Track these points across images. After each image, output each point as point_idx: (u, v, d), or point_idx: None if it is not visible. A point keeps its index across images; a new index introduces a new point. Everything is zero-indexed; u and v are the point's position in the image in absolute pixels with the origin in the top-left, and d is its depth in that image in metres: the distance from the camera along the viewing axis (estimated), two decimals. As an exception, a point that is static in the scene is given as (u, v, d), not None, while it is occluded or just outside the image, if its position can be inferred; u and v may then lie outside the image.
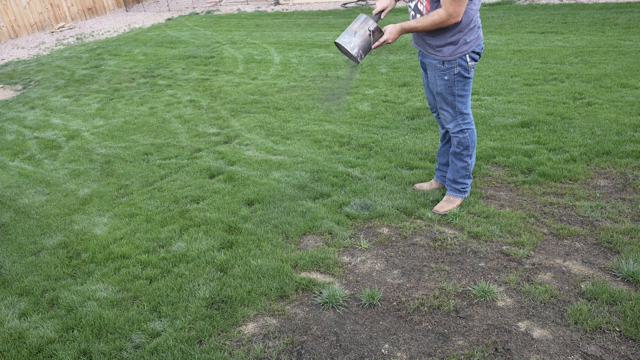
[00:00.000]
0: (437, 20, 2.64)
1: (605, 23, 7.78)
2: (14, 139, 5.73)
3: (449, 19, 2.62)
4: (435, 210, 3.21)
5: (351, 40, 2.72)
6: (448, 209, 3.20)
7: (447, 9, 2.59)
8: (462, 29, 2.73)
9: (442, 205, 3.23)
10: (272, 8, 13.13)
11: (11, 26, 13.27)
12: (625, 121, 4.21)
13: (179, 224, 3.43)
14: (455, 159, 3.15)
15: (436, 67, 2.89)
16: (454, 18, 2.61)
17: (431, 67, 2.94)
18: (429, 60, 2.92)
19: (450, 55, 2.81)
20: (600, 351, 2.11)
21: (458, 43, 2.78)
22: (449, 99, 2.94)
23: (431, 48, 2.86)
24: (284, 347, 2.32)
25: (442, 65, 2.86)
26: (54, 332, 2.55)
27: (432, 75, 2.96)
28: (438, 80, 2.92)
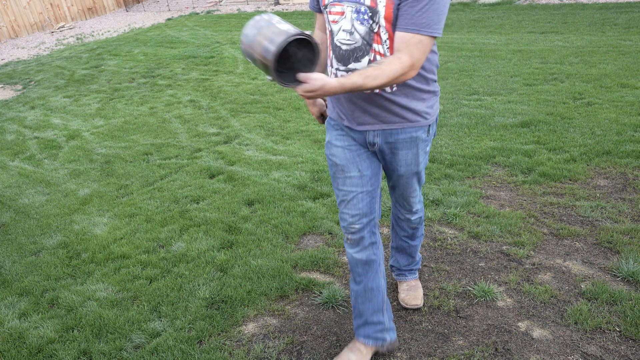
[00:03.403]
0: (397, 73, 1.66)
1: (605, 23, 7.79)
2: (14, 139, 5.73)
3: (410, 71, 1.69)
4: (415, 304, 2.45)
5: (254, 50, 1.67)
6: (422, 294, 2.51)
7: (412, 55, 1.66)
8: (434, 69, 1.94)
9: (416, 294, 2.49)
10: (272, 8, 13.13)
11: (11, 26, 13.26)
12: (625, 121, 4.21)
13: (179, 224, 3.43)
14: (416, 242, 2.44)
15: (420, 140, 1.97)
16: (414, 70, 1.70)
17: (409, 144, 1.97)
18: (405, 135, 1.95)
19: (435, 112, 2.00)
20: (600, 351, 2.11)
21: (437, 90, 1.99)
22: (423, 174, 2.16)
23: (413, 113, 1.91)
24: (284, 347, 2.32)
25: (428, 132, 1.99)
26: (54, 332, 2.55)
27: (408, 154, 2.00)
28: (421, 155, 2.03)
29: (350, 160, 2.01)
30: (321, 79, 1.61)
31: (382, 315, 2.12)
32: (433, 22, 1.66)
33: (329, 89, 1.62)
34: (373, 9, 1.72)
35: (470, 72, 6.13)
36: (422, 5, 1.64)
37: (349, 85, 1.65)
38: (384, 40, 1.78)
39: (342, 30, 1.81)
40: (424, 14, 1.64)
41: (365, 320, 2.12)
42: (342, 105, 1.96)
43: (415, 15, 1.64)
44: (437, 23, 1.67)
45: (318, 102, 2.15)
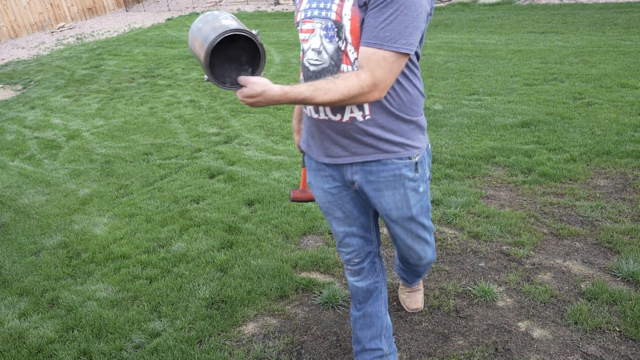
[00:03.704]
0: (353, 91, 1.45)
1: (605, 23, 7.79)
2: (14, 139, 5.73)
3: (372, 92, 1.47)
4: (416, 308, 2.44)
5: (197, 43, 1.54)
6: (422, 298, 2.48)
7: (373, 73, 1.45)
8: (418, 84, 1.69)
9: (417, 298, 2.47)
10: (272, 8, 13.13)
11: (11, 26, 13.26)
12: (625, 121, 4.21)
13: (179, 224, 3.43)
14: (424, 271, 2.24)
15: (406, 178, 1.70)
16: (378, 91, 1.48)
17: (393, 183, 1.71)
18: (387, 173, 1.69)
19: (422, 146, 1.72)
20: (600, 351, 2.11)
21: (421, 123, 1.72)
22: (426, 221, 1.85)
23: (389, 144, 1.65)
24: (284, 347, 2.32)
25: (415, 169, 1.70)
26: (54, 332, 2.55)
27: (395, 195, 1.73)
28: (412, 197, 1.74)
29: (332, 203, 1.84)
30: (262, 84, 1.42)
31: (380, 341, 2.05)
32: (399, 36, 1.42)
33: (270, 96, 1.43)
34: (338, 23, 1.52)
35: (470, 72, 6.13)
36: (386, 15, 1.41)
37: (294, 96, 1.44)
38: (352, 60, 1.54)
39: (311, 49, 1.62)
40: (387, 26, 1.41)
41: (363, 347, 2.06)
42: (311, 136, 1.75)
43: (378, 27, 1.42)
44: (404, 37, 1.42)
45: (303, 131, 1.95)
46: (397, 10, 1.40)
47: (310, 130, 1.74)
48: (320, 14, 1.56)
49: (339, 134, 1.66)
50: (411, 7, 1.41)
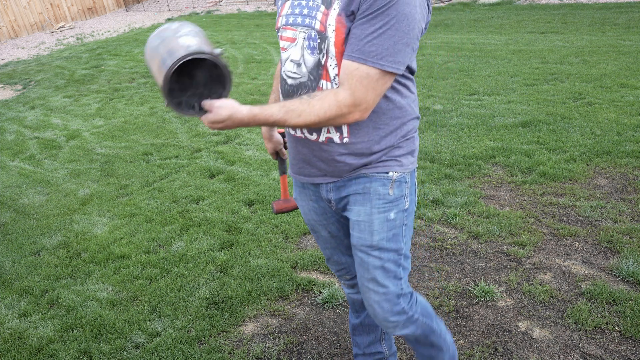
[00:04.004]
0: (330, 112, 1.31)
1: (605, 23, 7.79)
2: (14, 139, 5.73)
3: (352, 113, 1.32)
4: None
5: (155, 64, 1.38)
6: None
7: (354, 92, 1.30)
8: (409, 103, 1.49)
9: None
10: (272, 8, 13.13)
11: (11, 26, 13.27)
12: (625, 121, 4.21)
13: (179, 224, 3.43)
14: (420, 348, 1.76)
15: (374, 195, 1.48)
16: (359, 112, 1.32)
17: (361, 198, 1.51)
18: (357, 186, 1.51)
19: (407, 164, 1.50)
20: (600, 351, 2.11)
21: (411, 136, 1.52)
22: (390, 264, 1.53)
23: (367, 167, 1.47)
24: (284, 347, 2.32)
25: (391, 188, 1.48)
26: (54, 332, 2.55)
27: (360, 213, 1.51)
28: (376, 220, 1.49)
29: (317, 221, 1.71)
30: (228, 107, 1.30)
31: (380, 345, 1.99)
32: (386, 52, 1.26)
33: (238, 119, 1.31)
34: (322, 34, 1.35)
35: (470, 72, 6.13)
36: (375, 28, 1.25)
37: (264, 118, 1.31)
38: (332, 77, 1.37)
39: (290, 60, 1.46)
40: (375, 39, 1.25)
41: (363, 352, 2.02)
42: (290, 152, 1.62)
43: (364, 40, 1.26)
44: (392, 54, 1.27)
45: (275, 137, 1.84)
46: (387, 23, 1.25)
47: (289, 146, 1.61)
48: (304, 21, 1.39)
49: (315, 154, 1.50)
50: (403, 21, 1.25)
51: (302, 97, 1.34)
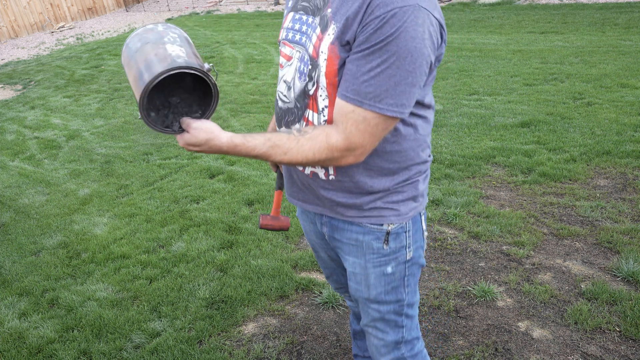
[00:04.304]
0: (319, 154, 1.17)
1: (605, 23, 7.79)
2: (14, 139, 5.73)
3: (345, 157, 1.17)
4: None
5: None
6: None
7: (348, 135, 1.14)
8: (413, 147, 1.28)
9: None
10: (272, 8, 13.13)
11: (11, 26, 13.27)
12: (625, 121, 4.21)
13: (179, 224, 3.43)
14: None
15: (368, 249, 1.35)
16: (354, 156, 1.17)
17: (355, 249, 1.38)
18: (350, 234, 1.37)
19: (404, 214, 1.32)
20: (600, 351, 2.11)
21: (415, 179, 1.33)
22: (393, 310, 1.43)
23: (355, 209, 1.32)
24: (284, 347, 2.32)
25: (385, 242, 1.33)
26: (54, 332, 2.55)
27: (355, 266, 1.40)
28: (372, 275, 1.38)
29: (317, 244, 1.59)
30: (207, 131, 1.18)
31: None
32: (385, 95, 1.09)
33: (217, 146, 1.17)
34: (314, 60, 1.19)
35: (470, 72, 6.13)
36: (373, 65, 1.08)
37: (245, 150, 1.18)
38: (320, 109, 1.22)
39: (283, 80, 1.34)
40: (372, 79, 1.08)
41: (363, 354, 2.00)
42: (284, 172, 1.49)
43: (360, 78, 1.09)
44: (392, 96, 1.09)
45: None
46: (386, 60, 1.07)
47: (284, 167, 1.48)
48: (301, 39, 1.25)
49: (302, 184, 1.39)
50: (406, 58, 1.06)
51: (291, 131, 1.20)
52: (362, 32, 1.07)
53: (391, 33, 1.04)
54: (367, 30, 1.06)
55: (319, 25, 1.19)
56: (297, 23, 1.27)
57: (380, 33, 1.05)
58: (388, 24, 1.04)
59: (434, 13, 1.09)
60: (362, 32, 1.08)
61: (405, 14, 1.04)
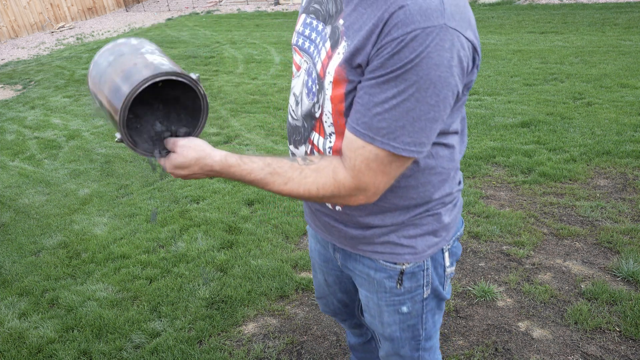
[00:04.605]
0: (324, 190, 1.02)
1: (605, 23, 7.79)
2: (14, 139, 5.73)
3: (354, 196, 1.02)
4: None
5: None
6: None
7: (357, 174, 0.99)
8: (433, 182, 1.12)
9: None
10: (272, 8, 13.13)
11: (11, 26, 13.26)
12: (625, 121, 4.21)
13: (179, 224, 3.43)
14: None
15: (381, 287, 1.24)
16: (365, 196, 1.01)
17: (367, 284, 1.27)
18: (362, 267, 1.25)
19: (422, 251, 1.18)
20: (600, 351, 2.11)
21: (436, 212, 1.17)
22: (409, 346, 1.33)
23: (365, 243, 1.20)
24: (284, 347, 2.32)
25: (399, 282, 1.21)
26: (54, 332, 2.55)
27: (368, 300, 1.30)
28: (386, 312, 1.28)
29: (318, 264, 1.49)
30: (197, 148, 1.03)
31: None
32: (401, 132, 0.92)
33: (208, 165, 1.03)
34: (320, 80, 1.04)
35: (470, 72, 6.12)
36: (387, 96, 0.90)
37: (240, 174, 1.03)
38: (327, 134, 1.08)
39: (293, 92, 1.20)
40: (387, 112, 0.91)
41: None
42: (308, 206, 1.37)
43: (373, 110, 0.92)
44: (409, 134, 0.93)
45: None
46: (403, 91, 0.89)
47: None
48: (309, 49, 1.10)
49: (311, 209, 1.29)
50: (428, 89, 0.89)
51: (295, 159, 1.04)
52: (377, 55, 0.90)
53: (411, 59, 0.86)
54: (382, 54, 0.89)
55: (329, 38, 1.03)
56: (308, 28, 1.12)
57: (397, 58, 0.87)
58: (407, 48, 0.86)
59: (465, 33, 0.90)
60: (377, 55, 0.90)
61: (428, 37, 0.86)
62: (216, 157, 1.03)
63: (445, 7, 0.87)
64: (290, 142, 1.22)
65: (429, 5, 0.86)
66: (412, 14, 0.86)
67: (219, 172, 1.04)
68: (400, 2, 0.87)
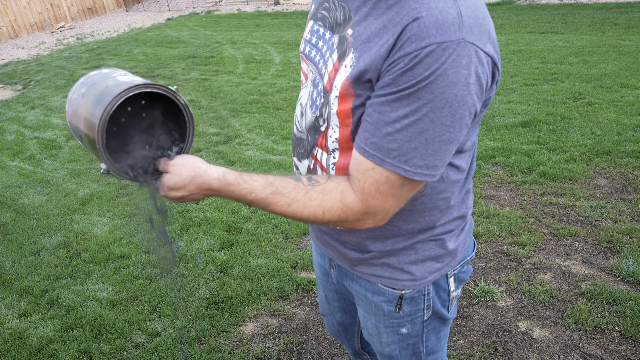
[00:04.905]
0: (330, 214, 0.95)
1: (605, 23, 7.79)
2: (14, 139, 5.73)
3: (362, 221, 0.95)
4: None
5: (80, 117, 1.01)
6: None
7: (367, 200, 0.92)
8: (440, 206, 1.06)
9: None
10: (272, 8, 13.13)
11: (11, 26, 13.26)
12: (625, 121, 4.21)
13: (179, 224, 3.43)
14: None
15: (379, 310, 1.19)
16: (374, 220, 0.95)
17: (364, 304, 1.23)
18: (359, 287, 1.21)
19: (421, 278, 1.12)
20: (600, 351, 2.11)
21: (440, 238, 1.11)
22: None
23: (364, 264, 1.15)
24: (284, 347, 2.32)
25: (398, 306, 1.15)
26: (54, 332, 2.55)
27: (366, 320, 1.26)
28: (385, 333, 1.23)
29: (319, 277, 1.45)
30: (191, 166, 0.97)
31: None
32: (414, 154, 0.86)
33: (206, 183, 0.96)
34: (326, 93, 0.98)
35: (470, 72, 6.12)
36: (399, 115, 0.84)
37: (240, 192, 0.96)
38: (331, 150, 1.02)
39: (299, 102, 1.14)
40: (398, 132, 0.85)
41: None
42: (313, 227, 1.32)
43: (383, 130, 0.86)
44: (422, 157, 0.87)
45: None
46: (416, 110, 0.83)
47: None
48: (315, 58, 1.04)
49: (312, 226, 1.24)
50: (443, 109, 0.82)
51: (299, 178, 0.98)
52: (389, 71, 0.83)
53: (425, 76, 0.80)
54: (394, 70, 0.82)
55: (337, 48, 0.95)
56: (315, 36, 1.05)
57: (410, 75, 0.81)
58: (422, 64, 0.80)
59: (484, 48, 0.83)
60: (388, 70, 0.84)
61: (445, 53, 0.79)
62: (213, 174, 0.96)
63: (464, 20, 0.80)
64: (294, 154, 1.18)
65: (445, 18, 0.79)
66: (428, 27, 0.79)
67: (217, 190, 0.97)
68: (415, 14, 0.81)
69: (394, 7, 0.85)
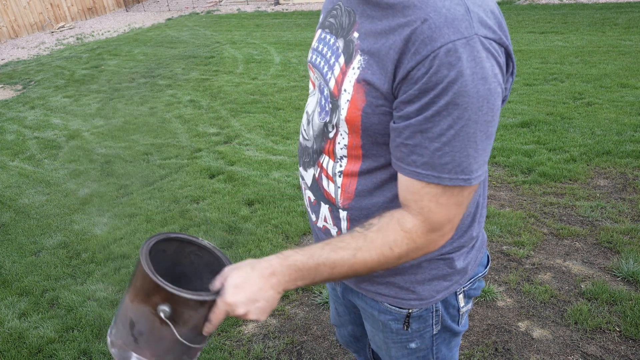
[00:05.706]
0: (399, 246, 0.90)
1: (605, 23, 7.79)
2: (14, 139, 5.73)
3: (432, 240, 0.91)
4: None
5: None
6: None
7: (429, 217, 0.88)
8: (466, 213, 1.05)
9: None
10: (272, 8, 13.13)
11: (11, 26, 13.26)
12: (625, 121, 4.21)
13: (179, 224, 3.43)
14: None
15: (387, 327, 1.17)
16: (440, 234, 0.91)
17: (371, 320, 1.21)
18: (365, 305, 1.19)
19: (428, 297, 1.09)
20: (600, 351, 2.11)
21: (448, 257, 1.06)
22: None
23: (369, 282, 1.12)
24: (284, 347, 2.32)
25: (406, 324, 1.13)
26: (54, 332, 2.55)
27: (374, 334, 1.24)
28: (394, 349, 1.21)
29: (329, 289, 1.46)
30: (244, 262, 0.93)
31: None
32: (467, 161, 0.84)
33: (265, 268, 0.91)
34: (334, 99, 0.96)
35: (470, 72, 6.12)
36: (444, 127, 0.82)
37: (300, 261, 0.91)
38: (338, 157, 1.01)
39: (306, 110, 1.13)
40: (447, 145, 0.82)
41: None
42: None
43: (431, 147, 0.83)
44: (476, 160, 0.85)
45: None
46: (460, 117, 0.80)
47: None
48: (320, 64, 1.02)
49: (318, 238, 1.19)
50: (482, 107, 0.81)
51: (352, 230, 0.94)
52: (407, 82, 0.81)
53: (452, 78, 0.77)
54: (415, 78, 0.80)
55: (342, 52, 0.93)
56: (321, 44, 1.03)
57: (435, 80, 0.78)
58: (444, 65, 0.78)
59: (497, 39, 0.83)
60: (406, 82, 0.81)
61: (463, 49, 0.78)
62: (268, 257, 0.92)
63: (472, 16, 0.79)
64: (300, 163, 1.16)
65: (454, 16, 0.78)
66: (439, 27, 0.78)
67: (279, 269, 0.90)
68: (422, 15, 0.79)
69: (398, 8, 0.84)
